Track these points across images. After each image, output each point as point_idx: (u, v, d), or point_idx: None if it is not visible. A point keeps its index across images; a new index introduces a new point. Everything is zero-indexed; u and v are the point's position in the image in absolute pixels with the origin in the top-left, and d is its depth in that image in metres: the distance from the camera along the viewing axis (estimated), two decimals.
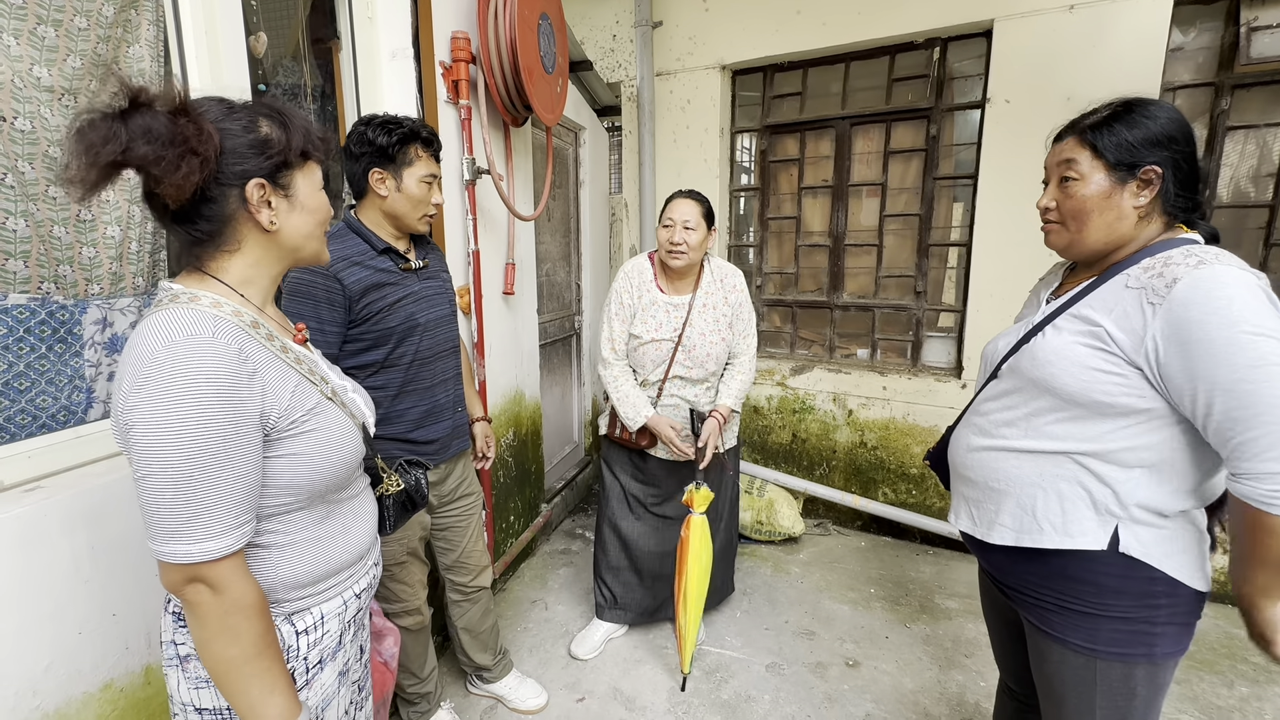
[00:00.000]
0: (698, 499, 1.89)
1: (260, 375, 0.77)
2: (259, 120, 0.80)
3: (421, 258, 1.54)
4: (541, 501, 2.89)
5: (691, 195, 1.94)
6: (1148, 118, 0.93)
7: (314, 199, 0.86)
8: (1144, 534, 0.95)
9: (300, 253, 0.87)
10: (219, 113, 0.77)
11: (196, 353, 0.71)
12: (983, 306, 2.70)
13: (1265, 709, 1.90)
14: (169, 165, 0.70)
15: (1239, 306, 0.82)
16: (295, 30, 1.82)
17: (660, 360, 1.98)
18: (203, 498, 0.71)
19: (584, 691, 1.99)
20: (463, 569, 1.77)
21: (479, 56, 1.98)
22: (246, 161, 0.78)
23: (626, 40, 3.30)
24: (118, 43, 1.23)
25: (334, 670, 0.90)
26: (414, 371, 1.50)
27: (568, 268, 3.26)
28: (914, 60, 2.82)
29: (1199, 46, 2.38)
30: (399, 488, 1.06)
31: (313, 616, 0.87)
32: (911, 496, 2.95)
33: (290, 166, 0.82)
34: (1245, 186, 2.39)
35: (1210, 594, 0.99)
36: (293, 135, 0.81)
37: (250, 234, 0.81)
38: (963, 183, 2.81)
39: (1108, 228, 0.97)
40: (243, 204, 0.79)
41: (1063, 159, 1.01)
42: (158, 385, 0.70)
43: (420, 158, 1.44)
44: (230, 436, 0.72)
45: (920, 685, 2.02)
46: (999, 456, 1.07)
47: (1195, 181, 0.95)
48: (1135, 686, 0.99)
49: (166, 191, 0.72)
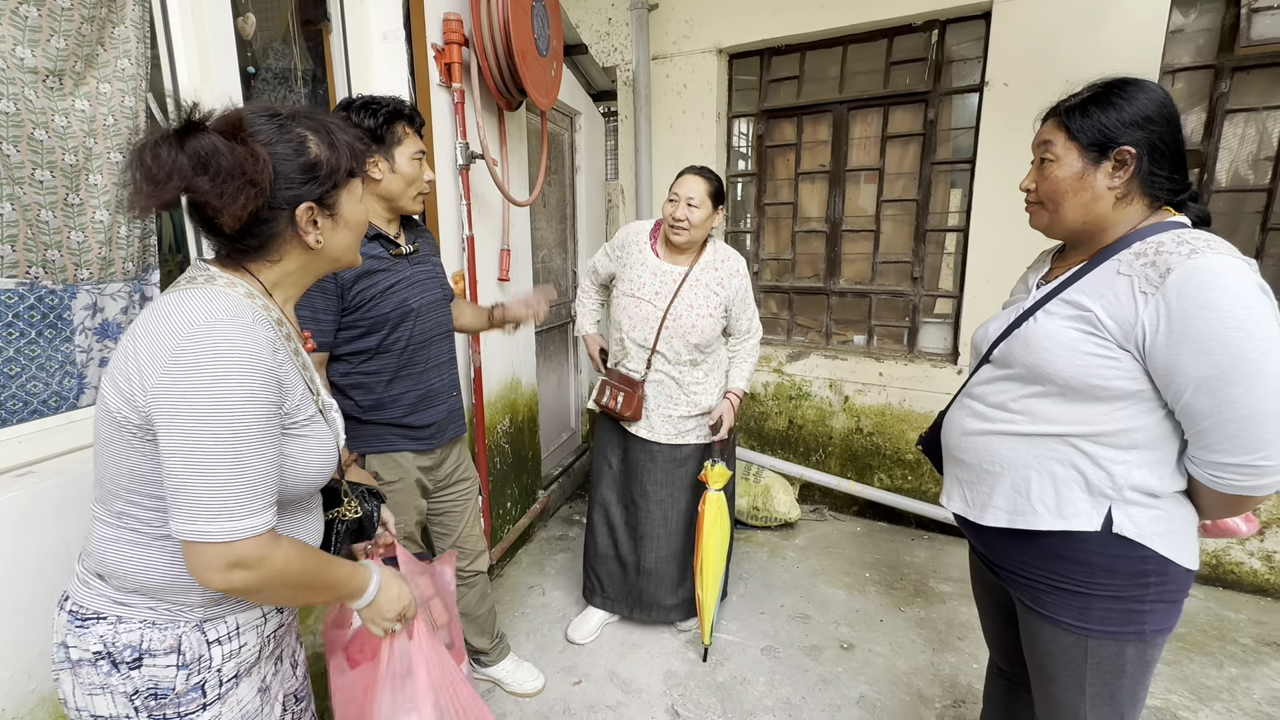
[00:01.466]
0: (713, 476, 1.93)
1: (280, 370, 0.78)
2: (308, 141, 0.80)
3: (411, 242, 1.53)
4: (539, 488, 2.90)
5: (701, 173, 1.93)
6: (1125, 99, 0.93)
7: (356, 214, 0.88)
8: (1137, 514, 0.96)
9: (339, 263, 0.90)
10: (270, 133, 0.77)
11: (241, 332, 0.72)
12: (979, 292, 2.70)
13: (1254, 689, 1.92)
14: (229, 198, 0.71)
15: (1230, 300, 0.83)
16: (285, 12, 1.80)
17: (644, 321, 1.97)
18: (250, 473, 0.72)
19: (580, 675, 2.01)
20: (460, 553, 1.77)
21: (472, 39, 1.96)
22: (297, 187, 0.78)
23: (622, 23, 3.26)
24: (102, 23, 1.21)
25: (252, 686, 0.86)
26: (408, 356, 1.49)
27: (564, 254, 3.25)
28: (912, 43, 2.79)
29: (1199, 28, 2.35)
30: (355, 515, 1.04)
31: (227, 626, 0.83)
32: (907, 482, 2.96)
33: (337, 187, 0.83)
34: (1244, 171, 2.38)
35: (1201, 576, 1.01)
36: (340, 156, 0.82)
37: (294, 249, 0.83)
38: (960, 168, 2.79)
39: (1083, 208, 0.98)
40: (291, 225, 0.80)
41: (1041, 140, 1.02)
42: (200, 360, 0.69)
43: (408, 135, 1.44)
44: (270, 416, 0.74)
45: (914, 667, 2.04)
46: (993, 439, 1.07)
47: (1179, 163, 0.94)
48: (1125, 664, 1.00)
49: (224, 221, 0.74)
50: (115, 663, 0.77)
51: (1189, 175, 0.97)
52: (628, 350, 2.02)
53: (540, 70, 2.13)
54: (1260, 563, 2.40)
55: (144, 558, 0.78)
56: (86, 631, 0.78)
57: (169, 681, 0.78)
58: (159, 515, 0.77)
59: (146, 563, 0.78)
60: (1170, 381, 0.89)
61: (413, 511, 1.58)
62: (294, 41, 1.82)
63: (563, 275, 3.25)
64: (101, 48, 1.22)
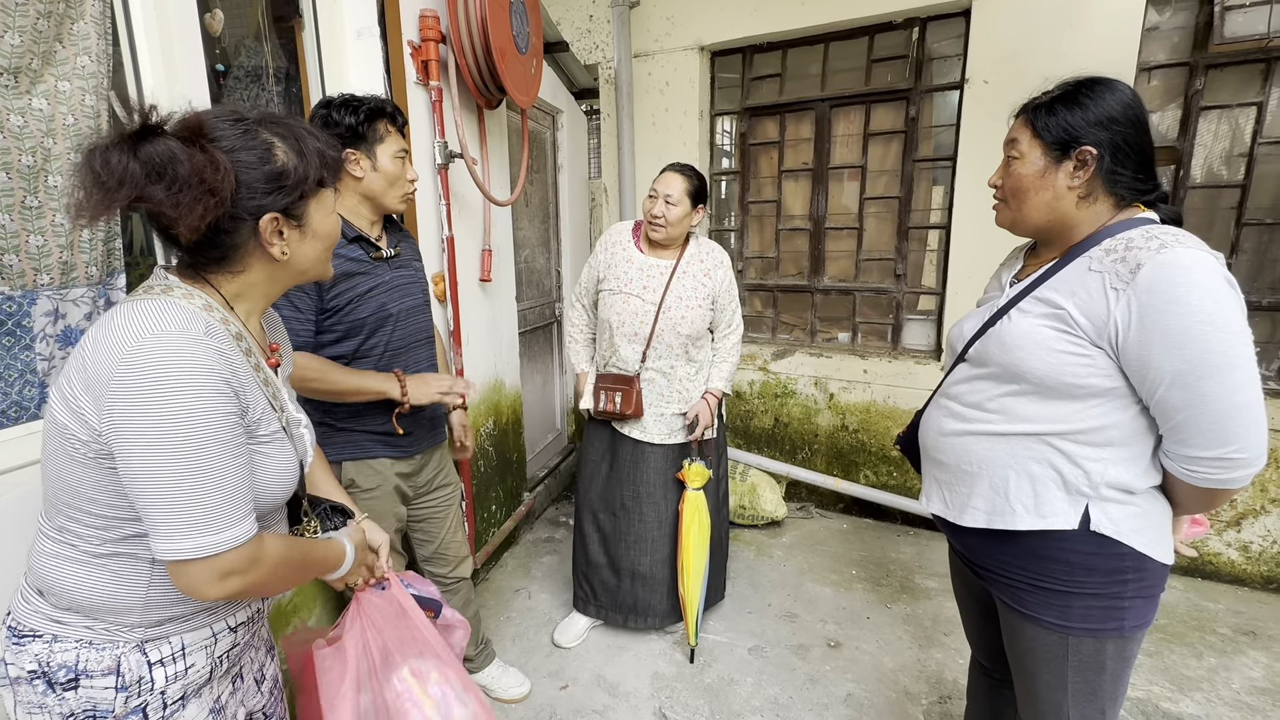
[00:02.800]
0: (691, 474, 1.92)
1: (238, 383, 0.75)
2: (275, 148, 0.76)
3: (393, 245, 1.50)
4: (524, 490, 2.88)
5: (682, 170, 1.93)
6: (1091, 99, 0.94)
7: (326, 225, 0.84)
8: (1114, 511, 0.96)
9: (306, 275, 0.86)
10: (234, 139, 0.73)
11: (190, 346, 0.69)
12: (962, 289, 2.71)
13: (1233, 679, 1.95)
14: (185, 208, 0.68)
15: (1199, 294, 0.84)
16: (255, 8, 1.76)
17: (634, 316, 1.95)
18: (223, 483, 0.70)
19: (567, 679, 1.99)
20: (442, 560, 1.75)
21: (449, 36, 1.93)
22: (261, 197, 0.74)
23: (603, 20, 3.24)
24: (60, 19, 1.17)
25: (202, 707, 0.83)
26: (386, 363, 1.47)
27: (547, 254, 3.22)
28: (893, 41, 2.80)
29: (1174, 26, 2.38)
30: (314, 534, 0.99)
31: (171, 646, 0.79)
32: (892, 478, 2.97)
33: (305, 197, 0.79)
34: (1218, 167, 2.41)
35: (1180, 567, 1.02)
36: (309, 164, 0.78)
37: (258, 261, 0.79)
38: (942, 165, 2.80)
39: (1046, 206, 0.99)
40: (255, 236, 0.76)
41: (1010, 138, 1.03)
42: (149, 375, 0.66)
43: (390, 133, 1.41)
44: (233, 426, 0.72)
45: (900, 664, 2.05)
46: (970, 440, 1.07)
47: (1144, 163, 0.95)
48: (1106, 660, 1.01)
49: (180, 232, 0.70)
50: (50, 683, 0.75)
51: (1157, 175, 0.97)
52: (617, 347, 1.99)
53: (520, 68, 2.10)
54: (1237, 553, 2.44)
55: (82, 575, 0.75)
56: (22, 649, 0.76)
57: (107, 704, 0.76)
58: (98, 533, 0.75)
59: (84, 581, 0.75)
60: (1144, 377, 0.90)
61: (392, 519, 1.55)
62: (265, 39, 1.78)
63: (546, 275, 3.23)
64: (60, 44, 1.18)
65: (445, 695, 1.02)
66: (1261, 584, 2.42)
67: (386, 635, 1.03)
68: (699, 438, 2.00)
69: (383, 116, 1.39)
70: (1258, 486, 2.37)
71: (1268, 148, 2.31)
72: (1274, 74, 2.26)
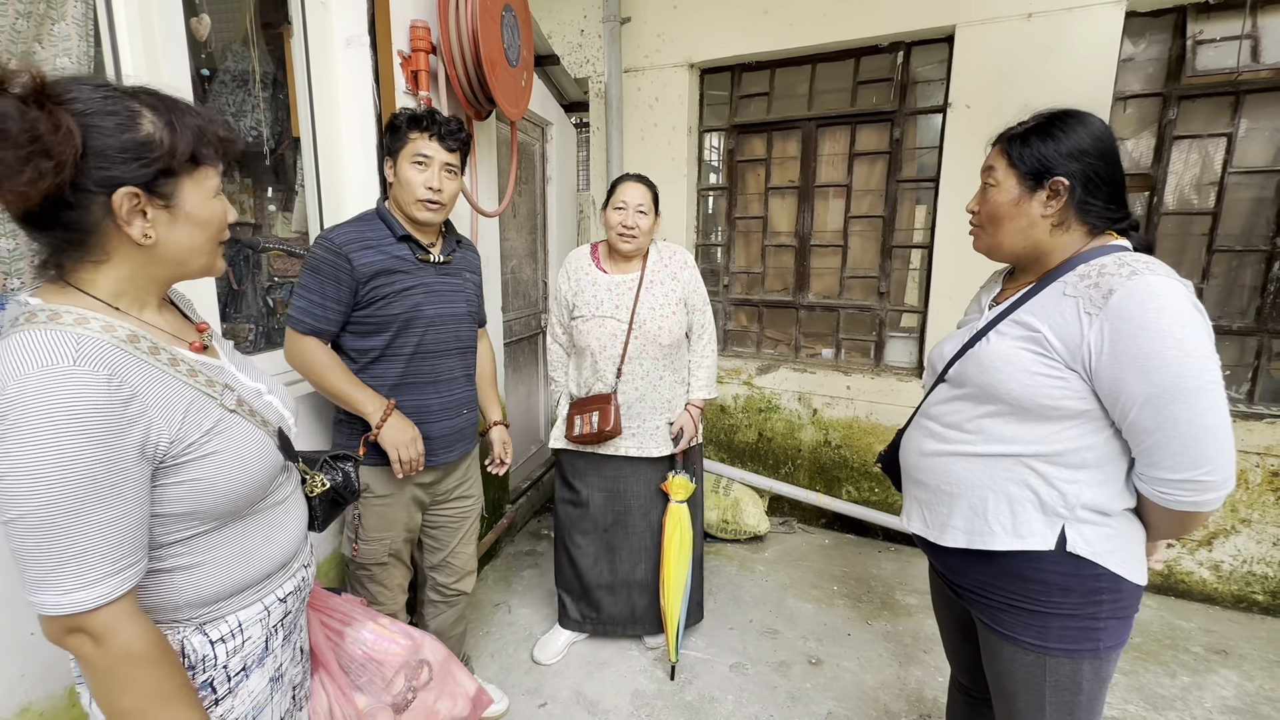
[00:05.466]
0: (674, 487, 1.91)
1: (140, 399, 0.68)
2: (140, 117, 0.68)
3: (446, 253, 1.54)
4: (506, 502, 2.85)
5: (642, 179, 1.95)
6: (1064, 131, 0.97)
7: (205, 209, 0.76)
8: (1089, 532, 0.98)
9: (185, 267, 0.78)
10: (92, 102, 0.66)
11: (53, 386, 0.62)
12: (943, 308, 2.75)
13: (1205, 697, 1.97)
14: (9, 168, 0.60)
15: (1168, 320, 0.86)
16: (244, 14, 1.74)
17: (613, 338, 1.94)
18: (70, 545, 0.64)
19: (546, 697, 1.96)
20: (448, 569, 1.73)
21: (439, 47, 1.93)
22: (116, 167, 0.67)
23: (594, 35, 3.26)
24: (40, 19, 1.15)
25: (263, 676, 0.85)
26: (415, 365, 1.48)
27: (534, 265, 3.21)
28: (879, 63, 2.85)
29: (1149, 57, 2.46)
30: (324, 487, 1.00)
31: (228, 625, 0.81)
32: (874, 494, 2.99)
33: (175, 174, 0.71)
34: (1189, 194, 2.48)
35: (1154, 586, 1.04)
36: (180, 136, 0.70)
37: (121, 246, 0.71)
38: (925, 185, 2.85)
39: (1020, 233, 1.02)
40: (109, 214, 0.68)
41: (986, 166, 1.07)
42: (9, 426, 0.62)
43: (414, 138, 1.43)
44: (100, 476, 0.64)
45: (880, 682, 2.04)
46: (950, 460, 1.09)
47: (1115, 193, 0.98)
48: (1082, 681, 1.02)
49: (5, 198, 0.63)
50: None
51: (1128, 205, 1.00)
52: (601, 372, 1.96)
53: (510, 80, 2.11)
54: (1209, 572, 2.48)
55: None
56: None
57: None
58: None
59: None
60: (1116, 400, 0.92)
61: (401, 529, 1.54)
62: (253, 44, 1.77)
63: (533, 286, 3.22)
64: (39, 45, 1.16)
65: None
66: (1232, 603, 2.46)
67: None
68: (684, 449, 2.00)
69: (414, 126, 1.43)
70: (1228, 507, 2.41)
71: (1238, 177, 2.39)
72: (1243, 106, 2.33)
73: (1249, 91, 2.31)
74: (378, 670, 1.04)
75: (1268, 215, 2.38)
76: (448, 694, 1.16)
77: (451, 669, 1.19)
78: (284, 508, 0.89)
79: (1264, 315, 2.41)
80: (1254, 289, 2.44)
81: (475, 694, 1.22)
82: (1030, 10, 2.42)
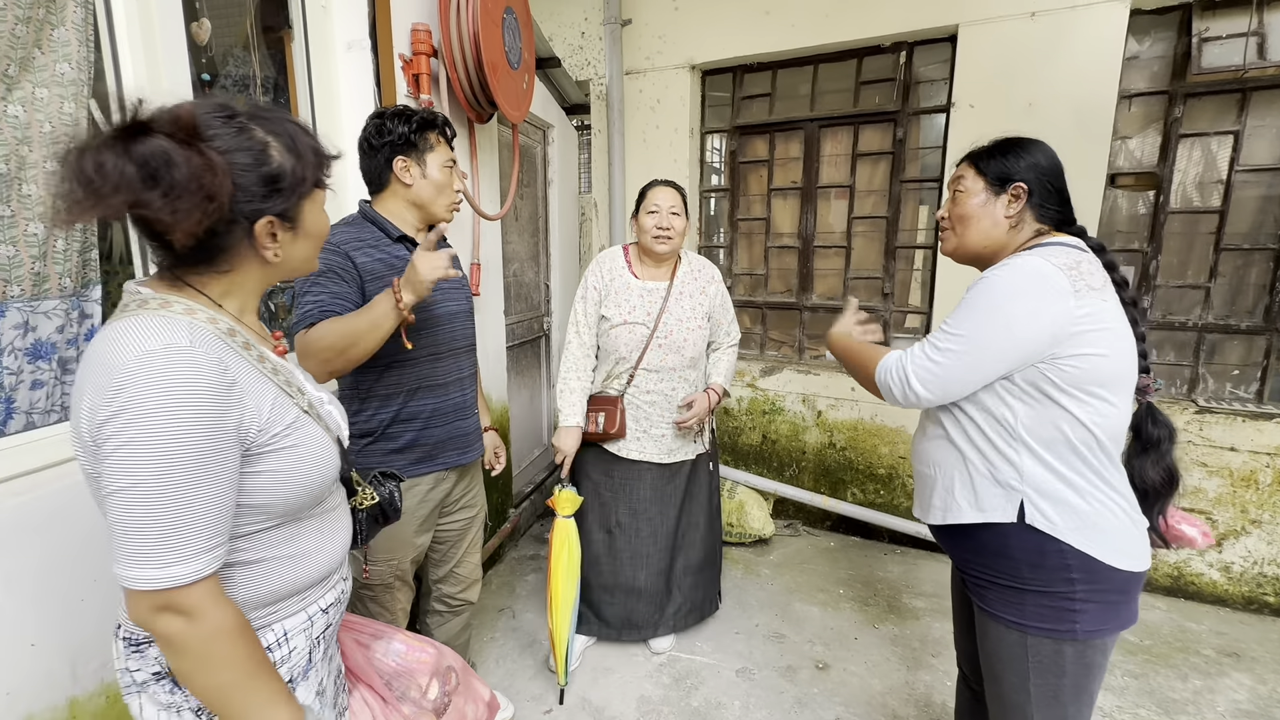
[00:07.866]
0: (561, 501, 1.90)
1: (239, 386, 0.72)
2: (270, 148, 0.73)
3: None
4: (509, 506, 2.83)
5: (670, 183, 1.97)
6: (1022, 149, 1.15)
7: (318, 223, 0.83)
8: (1046, 507, 1.04)
9: (296, 273, 0.85)
10: (228, 138, 0.70)
11: (174, 364, 0.66)
12: (947, 309, 2.72)
13: (1218, 701, 1.95)
14: (183, 215, 0.65)
15: (1000, 285, 1.03)
16: (245, 18, 1.74)
17: (635, 345, 1.94)
18: (175, 518, 0.66)
19: (551, 703, 1.94)
20: (454, 579, 1.71)
21: (441, 50, 1.92)
22: (259, 201, 0.72)
23: (595, 38, 3.26)
24: (40, 25, 1.14)
25: (309, 690, 0.84)
26: (427, 367, 1.46)
27: (536, 268, 3.20)
28: (881, 64, 2.84)
29: (1154, 55, 2.44)
30: (373, 501, 1.00)
31: (274, 634, 0.81)
32: (879, 497, 2.97)
33: (302, 199, 0.78)
34: (1196, 193, 2.46)
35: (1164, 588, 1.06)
36: (305, 165, 0.76)
37: (248, 262, 0.77)
38: (929, 186, 2.84)
39: (984, 233, 1.17)
40: (248, 238, 0.74)
41: (956, 176, 1.22)
42: (131, 400, 0.64)
43: (439, 143, 1.43)
44: (207, 453, 0.67)
45: (888, 686, 2.02)
46: (929, 443, 1.20)
47: (1063, 200, 1.15)
48: (1065, 664, 1.06)
49: (176, 238, 0.67)
50: (175, 681, 0.76)
51: (1073, 210, 1.17)
52: (618, 373, 1.99)
53: (511, 83, 2.10)
54: (1219, 574, 2.46)
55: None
56: (143, 655, 0.76)
57: None
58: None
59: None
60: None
61: (409, 548, 1.50)
62: (254, 49, 1.76)
63: (535, 289, 3.21)
64: (39, 50, 1.15)
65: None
66: (1243, 604, 2.44)
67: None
68: (688, 422, 1.96)
69: (433, 128, 1.42)
70: (1239, 508, 2.39)
71: (1244, 175, 2.37)
72: (1249, 103, 2.32)
73: (1255, 89, 2.30)
74: (411, 680, 1.04)
75: (1275, 213, 2.36)
76: (471, 699, 1.15)
77: (469, 675, 1.18)
78: (335, 515, 0.90)
79: (1272, 314, 2.39)
80: (1262, 287, 2.41)
81: (490, 699, 1.21)
82: (1034, 9, 2.41)
